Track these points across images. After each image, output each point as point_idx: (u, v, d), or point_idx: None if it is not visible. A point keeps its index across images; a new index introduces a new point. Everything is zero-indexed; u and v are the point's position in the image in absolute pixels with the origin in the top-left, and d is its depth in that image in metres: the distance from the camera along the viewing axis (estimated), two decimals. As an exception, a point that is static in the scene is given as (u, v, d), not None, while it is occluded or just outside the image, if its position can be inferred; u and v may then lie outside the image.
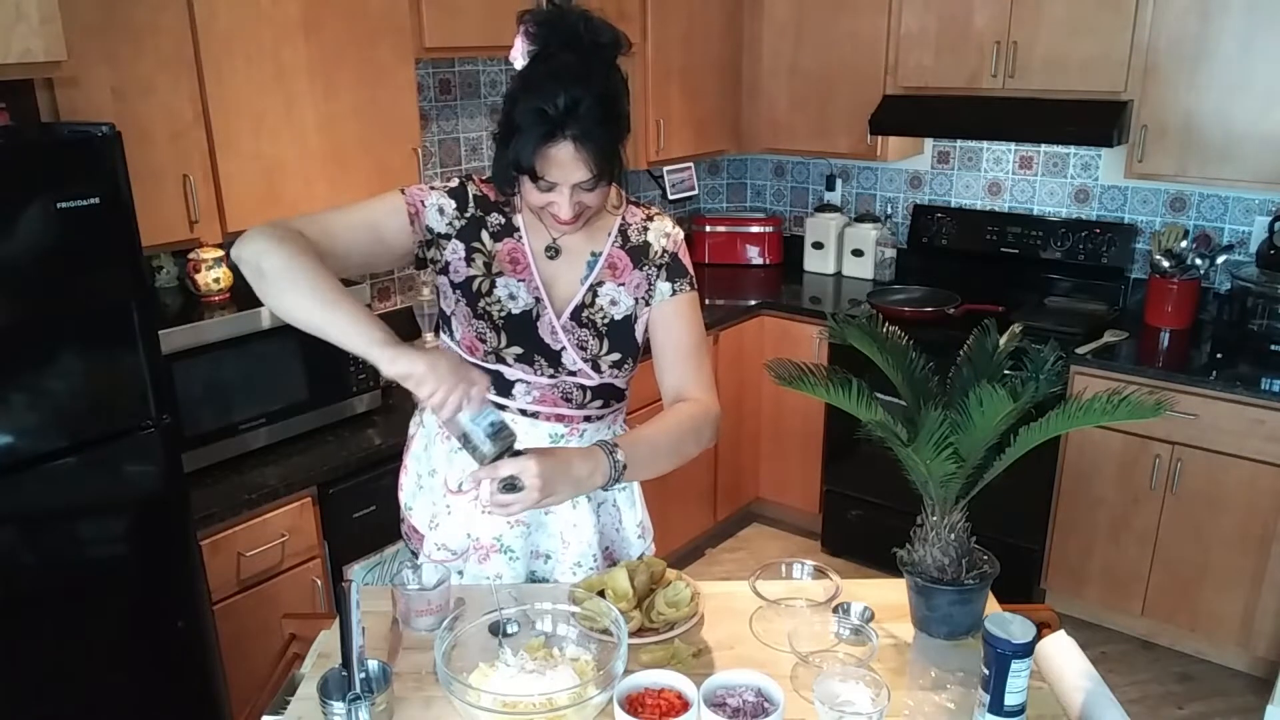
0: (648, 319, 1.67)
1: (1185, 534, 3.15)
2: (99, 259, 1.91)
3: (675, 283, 1.68)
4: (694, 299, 1.70)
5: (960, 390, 1.43)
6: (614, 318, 1.64)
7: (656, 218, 1.71)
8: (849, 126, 3.81)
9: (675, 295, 1.67)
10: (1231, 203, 3.46)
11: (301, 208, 2.61)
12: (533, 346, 1.61)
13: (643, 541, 1.80)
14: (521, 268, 1.62)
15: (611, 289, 1.64)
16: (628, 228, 1.67)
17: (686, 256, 1.72)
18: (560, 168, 1.44)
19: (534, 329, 1.61)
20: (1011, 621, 1.27)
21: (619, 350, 1.65)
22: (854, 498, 3.82)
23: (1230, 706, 3.08)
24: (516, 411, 1.64)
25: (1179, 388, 3.03)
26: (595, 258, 1.64)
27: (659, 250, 1.67)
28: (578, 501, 1.68)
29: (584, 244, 1.64)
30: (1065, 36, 3.29)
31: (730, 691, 1.28)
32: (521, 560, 1.70)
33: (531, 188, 1.48)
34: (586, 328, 1.63)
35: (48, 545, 1.93)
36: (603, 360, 1.64)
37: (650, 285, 1.67)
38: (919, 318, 3.62)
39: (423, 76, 3.21)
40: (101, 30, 2.17)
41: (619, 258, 1.65)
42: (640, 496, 1.80)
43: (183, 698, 2.20)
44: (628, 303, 1.65)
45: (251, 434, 2.50)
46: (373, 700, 1.27)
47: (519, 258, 1.62)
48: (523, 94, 1.44)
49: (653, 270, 1.67)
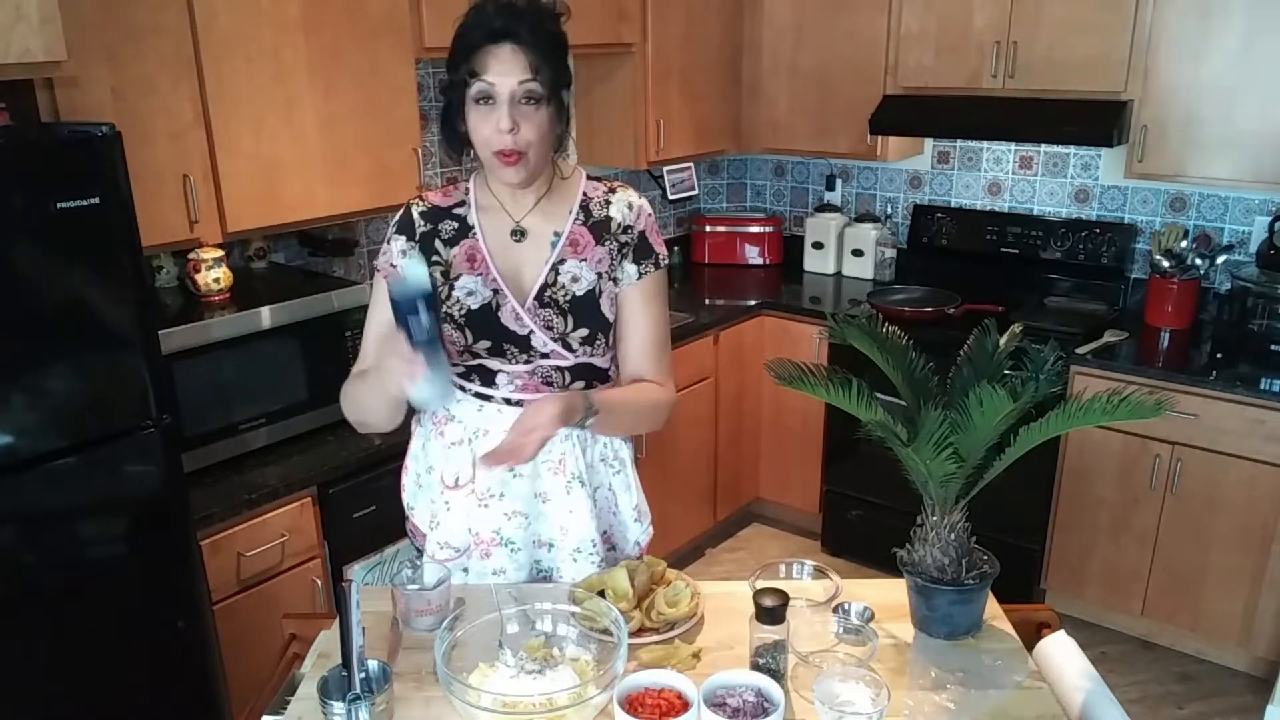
0: (615, 296, 1.68)
1: (1185, 534, 3.15)
2: (99, 259, 1.91)
3: (641, 264, 1.68)
4: (660, 279, 1.71)
5: (960, 390, 1.43)
6: (575, 294, 1.64)
7: (619, 189, 1.71)
8: (849, 126, 3.81)
9: (642, 278, 1.68)
10: (1231, 203, 3.46)
11: (301, 208, 2.62)
12: (499, 336, 1.63)
13: (640, 525, 1.80)
14: (478, 263, 1.64)
15: (573, 265, 1.65)
16: (589, 202, 1.68)
17: (655, 233, 1.71)
18: (499, 64, 1.49)
19: (495, 320, 1.62)
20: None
21: (586, 325, 1.64)
22: (854, 498, 3.82)
23: (1230, 706, 3.08)
24: (502, 401, 1.65)
25: (1179, 388, 3.03)
26: (558, 237, 1.65)
27: (620, 224, 1.67)
28: (572, 489, 1.68)
29: (546, 225, 1.66)
30: (1065, 36, 3.29)
31: (730, 691, 1.28)
32: (524, 551, 1.70)
33: (476, 116, 1.52)
34: (549, 307, 1.63)
35: (48, 545, 1.93)
36: (571, 338, 1.64)
37: (614, 261, 1.66)
38: (919, 318, 3.62)
39: (423, 76, 3.21)
40: (101, 30, 2.17)
41: (580, 234, 1.66)
42: (636, 481, 1.81)
43: (183, 698, 2.20)
44: (589, 278, 1.65)
45: (251, 434, 2.50)
46: (373, 700, 1.27)
47: (475, 254, 1.64)
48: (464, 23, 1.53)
49: (614, 246, 1.67)
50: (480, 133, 1.54)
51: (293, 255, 3.04)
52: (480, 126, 1.53)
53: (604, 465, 1.75)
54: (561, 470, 1.68)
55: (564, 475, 1.69)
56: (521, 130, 1.52)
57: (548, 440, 1.52)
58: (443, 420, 1.70)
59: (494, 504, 1.67)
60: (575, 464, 1.69)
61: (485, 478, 1.67)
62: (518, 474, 1.67)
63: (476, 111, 1.53)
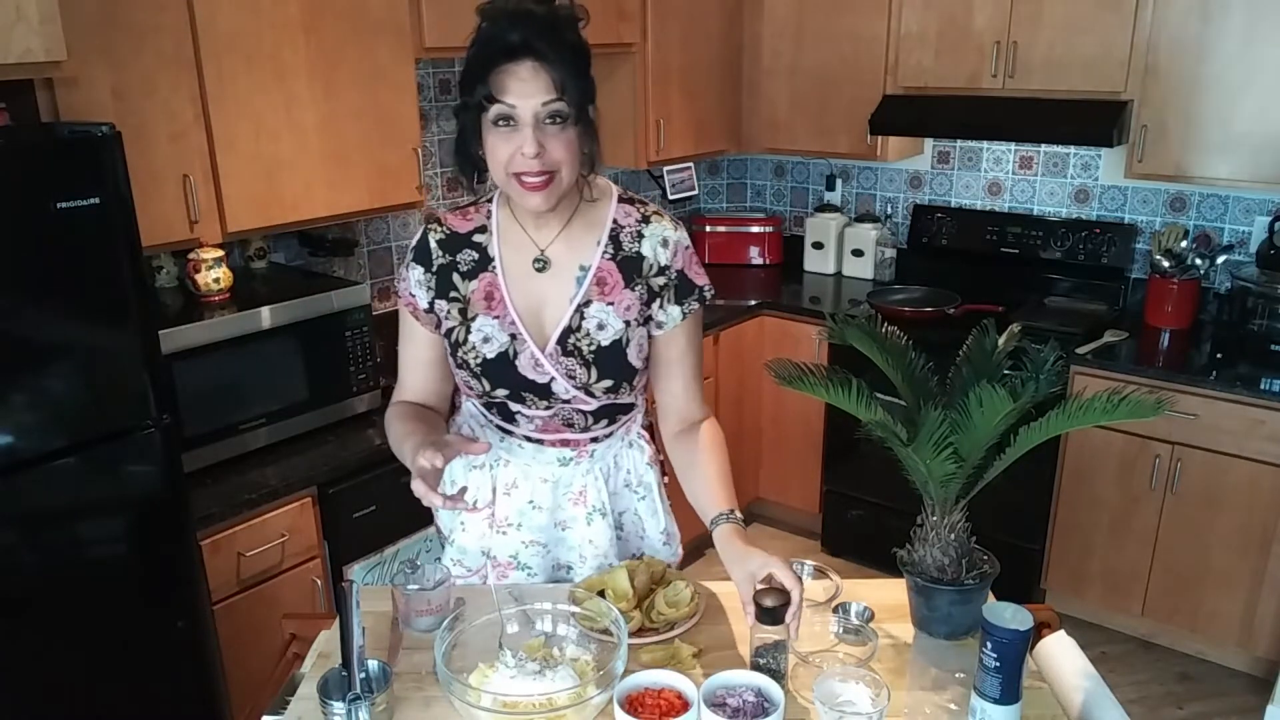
0: (644, 337, 1.57)
1: (1185, 534, 3.14)
2: (99, 259, 1.91)
3: (684, 304, 1.57)
4: (700, 313, 1.61)
5: (960, 390, 1.43)
6: (600, 344, 1.53)
7: (653, 219, 1.56)
8: (849, 126, 3.81)
9: (686, 318, 1.58)
10: (1231, 203, 3.46)
11: (301, 208, 2.62)
12: (517, 385, 1.54)
13: (669, 549, 1.77)
14: (496, 303, 1.53)
15: (599, 310, 1.53)
16: (619, 232, 1.54)
17: (695, 265, 1.58)
18: (519, 85, 1.35)
19: (513, 369, 1.53)
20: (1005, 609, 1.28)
21: (610, 377, 1.54)
22: (854, 498, 3.82)
23: (1230, 706, 3.08)
24: (522, 438, 1.62)
25: (1179, 388, 3.03)
26: (584, 272, 1.53)
27: (653, 265, 1.54)
28: (593, 519, 1.67)
29: (572, 256, 1.53)
30: (1065, 36, 3.29)
31: (730, 691, 1.28)
32: (540, 576, 1.69)
33: (495, 139, 1.39)
34: (572, 355, 1.52)
35: (48, 545, 1.93)
36: (595, 388, 1.55)
37: (644, 306, 1.55)
38: (919, 318, 3.62)
39: (423, 76, 3.21)
40: (101, 30, 2.17)
41: (609, 272, 1.53)
42: (664, 505, 1.76)
43: (183, 698, 2.20)
44: (616, 326, 1.53)
45: (251, 434, 2.50)
46: (373, 700, 1.27)
47: (493, 292, 1.53)
48: (475, 39, 1.40)
49: (644, 291, 1.54)
50: (500, 155, 1.40)
51: (293, 255, 3.04)
52: (500, 148, 1.39)
53: (628, 491, 1.72)
54: (582, 501, 1.67)
55: (585, 506, 1.67)
56: (548, 151, 1.38)
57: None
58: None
59: (512, 531, 1.66)
60: (597, 496, 1.67)
61: (504, 506, 1.65)
62: (537, 506, 1.65)
63: (496, 133, 1.39)
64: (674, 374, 1.61)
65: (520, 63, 1.35)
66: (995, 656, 1.26)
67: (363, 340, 2.68)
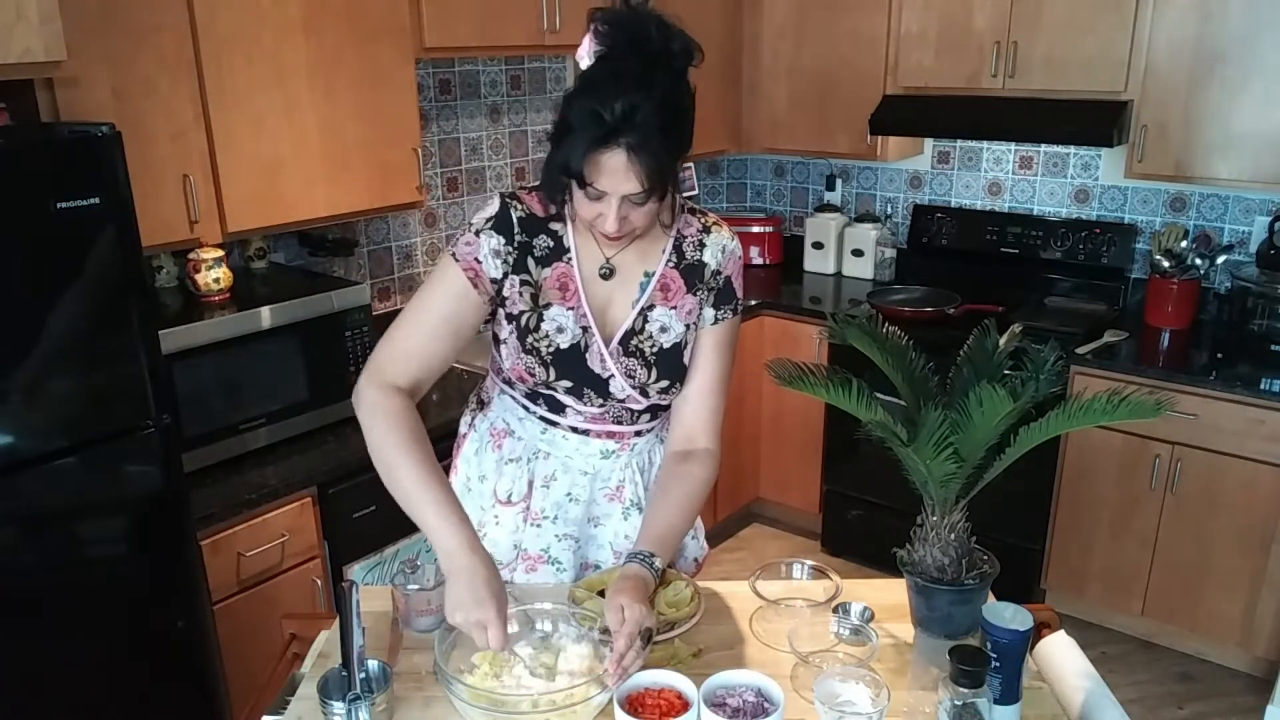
0: (693, 339, 1.61)
1: (1185, 534, 3.14)
2: (99, 259, 1.91)
3: (720, 309, 1.61)
4: (735, 326, 1.64)
5: (960, 390, 1.43)
6: (663, 346, 1.57)
7: (714, 229, 1.62)
8: (849, 126, 3.81)
9: (718, 324, 1.61)
10: (1231, 203, 3.46)
11: (301, 208, 2.61)
12: (581, 379, 1.56)
13: (696, 542, 1.80)
14: (570, 294, 1.55)
15: (662, 313, 1.57)
16: (683, 241, 1.59)
17: (739, 277, 1.64)
18: (610, 176, 1.37)
19: (582, 361, 1.55)
20: (1005, 609, 1.28)
21: (667, 378, 1.59)
22: (854, 498, 3.82)
23: (1230, 706, 3.08)
24: (568, 429, 1.62)
25: (1179, 388, 3.03)
26: (648, 278, 1.57)
27: (714, 270, 1.60)
28: (630, 515, 1.68)
29: (637, 263, 1.57)
30: (1065, 36, 3.29)
31: (730, 691, 1.28)
32: (569, 572, 1.69)
33: (580, 195, 1.42)
34: (634, 356, 1.56)
35: (48, 545, 1.93)
36: (651, 388, 1.59)
37: (700, 310, 1.60)
38: (919, 318, 3.62)
39: (423, 76, 3.21)
40: (101, 30, 2.17)
41: (672, 279, 1.58)
42: None
43: (183, 698, 2.20)
44: (678, 329, 1.58)
45: (251, 434, 2.50)
46: (373, 700, 1.27)
47: (568, 284, 1.55)
48: (581, 94, 1.39)
49: (704, 294, 1.60)
50: (585, 213, 1.45)
51: (293, 255, 3.04)
52: (586, 207, 1.43)
53: None
54: (619, 497, 1.68)
55: (621, 502, 1.68)
56: (630, 220, 1.43)
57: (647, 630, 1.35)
58: (501, 433, 1.67)
59: (546, 525, 1.66)
60: (634, 491, 1.68)
61: (540, 499, 1.65)
62: (574, 499, 1.66)
63: (582, 193, 1.42)
64: (691, 377, 1.62)
65: (614, 153, 1.35)
66: (995, 656, 1.26)
67: (363, 340, 2.68)
